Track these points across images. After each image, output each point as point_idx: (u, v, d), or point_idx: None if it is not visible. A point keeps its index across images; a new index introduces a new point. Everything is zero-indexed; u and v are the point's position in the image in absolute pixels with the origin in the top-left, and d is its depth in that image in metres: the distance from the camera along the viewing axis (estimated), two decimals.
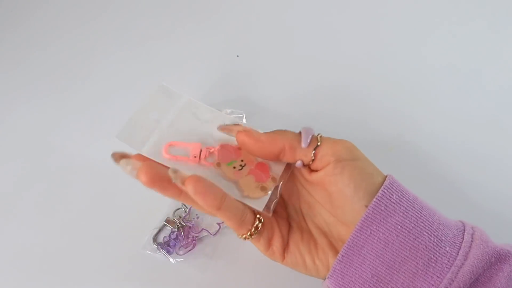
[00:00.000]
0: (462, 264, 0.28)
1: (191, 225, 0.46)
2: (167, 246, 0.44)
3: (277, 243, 0.33)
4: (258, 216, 0.32)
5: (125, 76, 0.58)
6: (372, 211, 0.29)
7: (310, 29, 0.60)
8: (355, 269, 0.29)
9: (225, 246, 0.44)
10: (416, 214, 0.29)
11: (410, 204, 0.29)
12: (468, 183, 0.47)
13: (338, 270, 0.30)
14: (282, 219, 0.34)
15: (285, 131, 0.32)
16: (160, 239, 0.45)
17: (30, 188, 0.50)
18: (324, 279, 0.32)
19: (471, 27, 0.58)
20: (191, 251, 0.44)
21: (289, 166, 0.34)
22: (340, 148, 0.30)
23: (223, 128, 0.33)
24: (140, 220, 0.46)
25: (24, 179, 0.51)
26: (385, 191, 0.29)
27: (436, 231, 0.29)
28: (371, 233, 0.29)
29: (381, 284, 0.29)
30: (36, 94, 0.57)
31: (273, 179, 0.33)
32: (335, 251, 0.32)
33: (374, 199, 0.29)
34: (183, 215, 0.46)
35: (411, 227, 0.28)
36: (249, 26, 0.61)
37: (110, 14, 0.64)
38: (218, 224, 0.45)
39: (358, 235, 0.29)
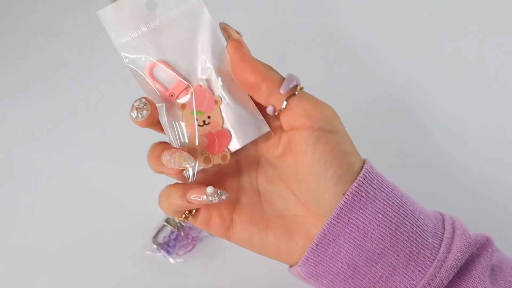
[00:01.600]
0: (446, 257, 0.26)
1: (191, 225, 0.46)
2: (166, 247, 0.44)
3: (216, 224, 0.30)
4: None
5: (125, 77, 0.58)
6: (352, 197, 0.26)
7: (311, 28, 0.60)
8: (330, 258, 0.27)
9: (225, 247, 0.44)
10: (398, 201, 0.27)
11: (391, 191, 0.27)
12: (469, 183, 0.47)
13: (312, 259, 0.27)
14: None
15: (272, 69, 0.28)
16: (160, 239, 0.45)
17: (30, 188, 0.50)
18: (290, 265, 0.30)
19: (471, 28, 0.58)
20: (191, 251, 0.44)
21: (254, 145, 0.29)
22: (321, 114, 0.27)
23: (224, 26, 0.28)
24: (140, 220, 0.46)
25: (24, 179, 0.51)
26: (367, 175, 0.26)
27: (418, 220, 0.27)
28: (349, 220, 0.26)
29: (357, 276, 0.27)
30: (35, 97, 0.57)
31: (223, 156, 0.28)
32: (289, 235, 0.29)
33: (355, 183, 0.26)
34: None
35: (393, 216, 0.26)
36: (250, 26, 0.61)
37: None
38: None
39: (335, 222, 0.26)
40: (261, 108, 0.29)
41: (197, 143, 0.28)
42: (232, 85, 0.29)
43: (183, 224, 0.45)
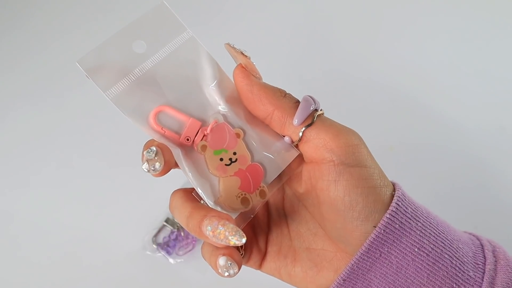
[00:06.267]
0: None
1: None
2: (166, 247, 0.44)
3: (255, 259, 0.28)
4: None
5: None
6: (384, 229, 0.23)
7: (312, 27, 0.60)
8: None
9: None
10: (435, 231, 0.24)
11: (426, 219, 0.24)
12: (469, 183, 0.47)
13: None
14: (261, 229, 0.29)
15: (284, 94, 0.25)
16: (160, 239, 0.45)
17: (29, 188, 0.50)
18: None
19: (471, 29, 0.58)
20: (191, 251, 0.44)
21: (287, 171, 0.27)
22: (342, 145, 0.23)
23: (230, 48, 0.24)
24: (140, 220, 0.46)
25: (23, 179, 0.51)
26: (399, 203, 0.23)
27: (457, 251, 0.24)
28: (380, 255, 0.23)
29: None
30: (35, 97, 0.57)
31: (262, 192, 0.25)
32: (316, 270, 0.27)
33: (387, 214, 0.23)
34: None
35: (430, 249, 0.23)
36: (250, 26, 0.61)
37: (109, 16, 0.64)
38: None
39: (365, 257, 0.24)
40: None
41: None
42: (248, 113, 0.26)
43: None
